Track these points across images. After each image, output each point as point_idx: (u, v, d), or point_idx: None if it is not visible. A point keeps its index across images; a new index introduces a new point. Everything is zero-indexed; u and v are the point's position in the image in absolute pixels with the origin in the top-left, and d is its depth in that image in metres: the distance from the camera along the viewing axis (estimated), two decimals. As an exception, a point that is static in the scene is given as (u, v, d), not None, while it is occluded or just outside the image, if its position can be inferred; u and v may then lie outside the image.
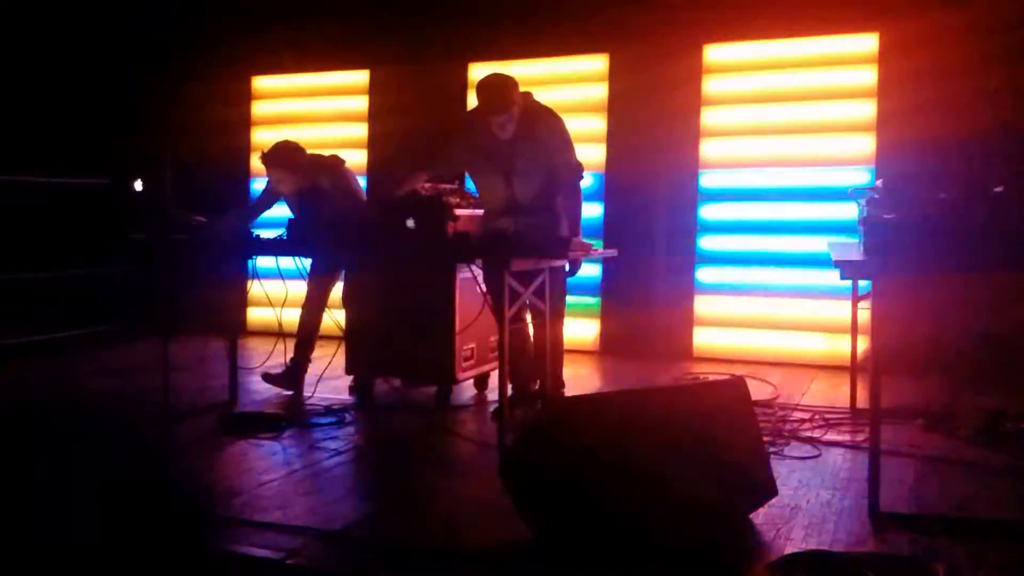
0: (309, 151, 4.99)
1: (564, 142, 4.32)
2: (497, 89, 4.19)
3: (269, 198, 5.03)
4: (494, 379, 4.72)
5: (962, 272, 2.94)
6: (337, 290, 5.08)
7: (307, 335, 5.00)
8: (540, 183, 4.31)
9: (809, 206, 5.97)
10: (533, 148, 4.25)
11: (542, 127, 4.27)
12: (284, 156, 4.85)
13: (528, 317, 4.47)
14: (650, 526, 2.61)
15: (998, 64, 5.36)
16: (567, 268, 4.30)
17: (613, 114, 6.46)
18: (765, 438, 3.47)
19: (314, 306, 5.00)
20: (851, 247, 3.88)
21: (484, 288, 4.19)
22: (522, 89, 4.34)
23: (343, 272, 4.97)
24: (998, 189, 3.18)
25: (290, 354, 4.99)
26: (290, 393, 4.90)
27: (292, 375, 4.95)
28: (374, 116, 7.17)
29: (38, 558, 2.77)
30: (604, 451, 2.64)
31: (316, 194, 4.85)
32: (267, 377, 4.92)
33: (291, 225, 4.37)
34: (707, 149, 6.24)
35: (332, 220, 4.53)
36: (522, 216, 4.30)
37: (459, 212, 4.25)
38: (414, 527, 2.97)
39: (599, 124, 6.48)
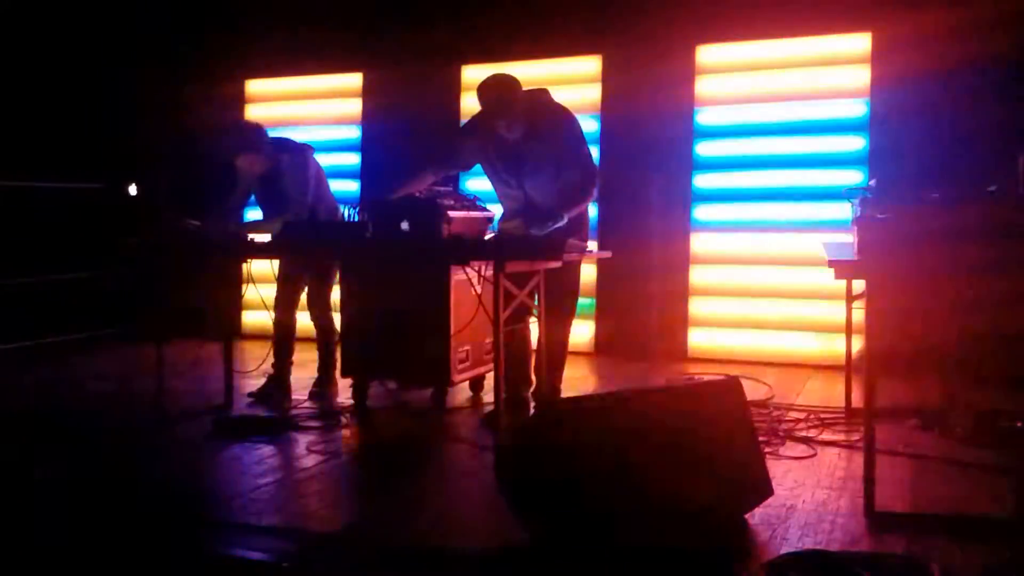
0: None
1: (574, 140, 4.26)
2: (495, 91, 4.15)
3: (244, 187, 4.98)
4: (490, 381, 4.71)
5: (955, 272, 2.94)
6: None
7: (282, 338, 4.95)
8: (553, 184, 4.28)
9: (803, 206, 5.98)
10: (541, 148, 4.21)
11: (550, 126, 4.23)
12: (254, 137, 4.82)
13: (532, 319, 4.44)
14: (646, 527, 2.61)
15: (990, 62, 5.38)
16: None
17: (606, 115, 6.47)
18: (760, 438, 3.47)
19: (286, 307, 4.93)
20: (845, 247, 3.89)
21: (479, 290, 4.19)
22: (537, 88, 4.32)
23: (313, 272, 4.91)
24: (991, 188, 3.19)
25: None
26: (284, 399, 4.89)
27: (278, 383, 4.92)
28: (368, 119, 7.17)
29: (37, 560, 2.76)
30: (599, 452, 2.64)
31: (275, 176, 4.81)
32: (255, 396, 4.86)
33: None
34: (700, 149, 6.25)
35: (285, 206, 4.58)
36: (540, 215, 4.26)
37: (453, 214, 4.25)
38: (410, 529, 2.97)
39: (592, 125, 6.48)
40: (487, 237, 4.39)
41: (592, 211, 6.39)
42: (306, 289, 4.95)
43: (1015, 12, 5.33)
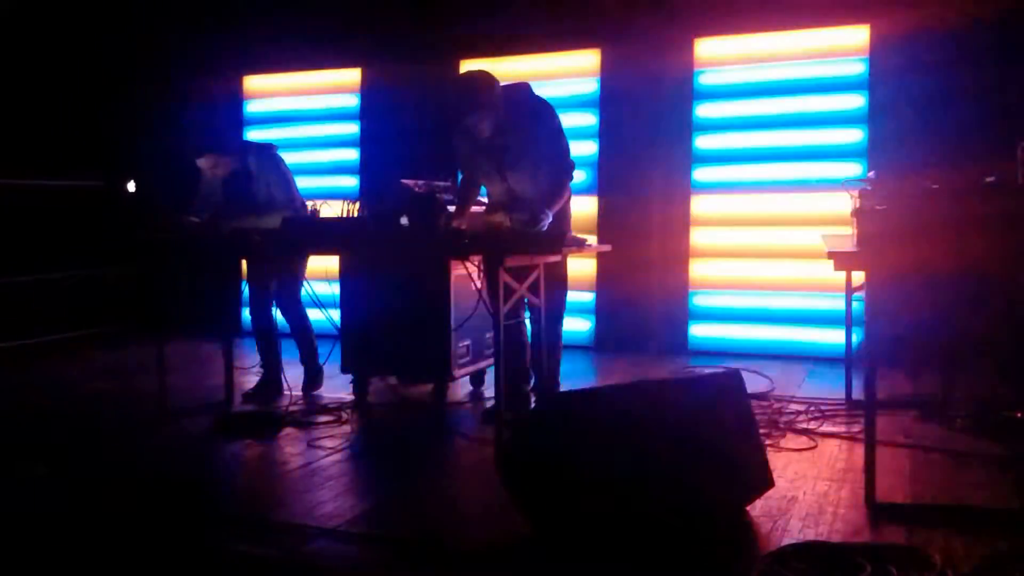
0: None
1: (551, 133, 4.25)
2: (464, 89, 4.16)
3: (206, 187, 4.92)
4: (490, 375, 4.72)
5: (955, 262, 2.95)
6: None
7: (263, 338, 4.93)
8: (534, 177, 4.28)
9: (802, 198, 5.98)
10: (521, 142, 4.21)
11: (528, 120, 4.23)
12: (218, 142, 4.84)
13: (528, 314, 4.45)
14: (647, 519, 2.62)
15: (988, 55, 5.38)
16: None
17: (605, 109, 6.46)
18: (761, 430, 3.47)
19: (260, 307, 4.90)
20: (844, 239, 3.89)
21: (479, 284, 4.19)
22: (517, 82, 4.32)
23: (281, 272, 4.88)
24: (989, 179, 3.19)
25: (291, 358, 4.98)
26: (279, 395, 4.87)
27: (267, 382, 4.90)
28: (366, 114, 7.17)
29: (38, 557, 2.77)
30: (600, 446, 2.65)
31: (242, 176, 4.80)
32: (248, 396, 4.85)
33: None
34: (699, 143, 6.25)
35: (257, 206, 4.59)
36: (522, 211, 4.26)
37: (453, 208, 4.25)
38: (412, 523, 2.97)
39: (591, 119, 6.48)
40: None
41: (591, 205, 6.44)
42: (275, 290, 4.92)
43: (1012, 3, 5.33)
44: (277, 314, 4.98)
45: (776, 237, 6.05)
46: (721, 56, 6.22)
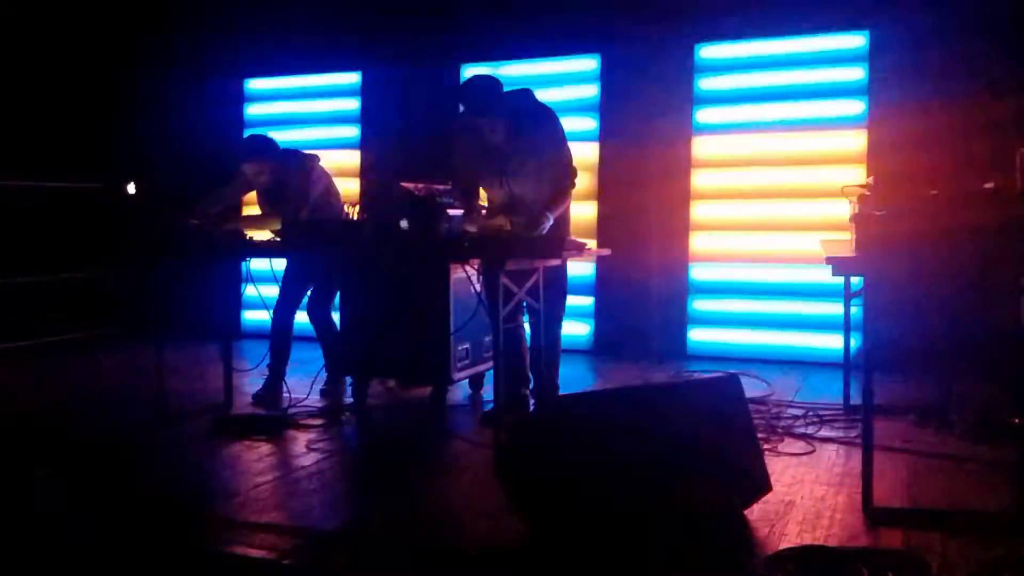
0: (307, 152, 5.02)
1: (555, 139, 4.28)
2: (476, 93, 4.17)
3: (239, 190, 5.01)
4: (490, 378, 4.72)
5: (953, 268, 2.95)
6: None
7: (281, 337, 4.94)
8: (537, 183, 4.30)
9: (801, 204, 5.99)
10: (525, 147, 4.23)
11: (532, 126, 4.25)
12: (264, 147, 4.84)
13: (526, 317, 4.45)
14: (645, 523, 2.62)
15: (986, 61, 5.39)
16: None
17: (605, 114, 6.48)
18: (759, 435, 3.48)
19: (288, 307, 4.93)
20: (843, 244, 3.90)
21: (479, 288, 4.19)
22: (518, 88, 4.33)
23: (320, 274, 4.91)
24: (988, 185, 3.20)
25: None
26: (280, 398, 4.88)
27: (273, 385, 4.91)
28: (366, 118, 7.17)
29: (36, 559, 2.77)
30: (599, 449, 2.65)
31: (284, 187, 4.82)
32: (258, 397, 4.85)
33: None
34: (699, 148, 6.26)
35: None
36: (522, 215, 4.28)
37: (452, 212, 4.25)
38: (410, 527, 2.98)
39: (591, 124, 6.50)
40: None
41: (591, 209, 6.45)
42: (310, 291, 4.95)
43: (1009, 7, 5.35)
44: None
45: (775, 242, 6.06)
46: (720, 61, 6.23)
